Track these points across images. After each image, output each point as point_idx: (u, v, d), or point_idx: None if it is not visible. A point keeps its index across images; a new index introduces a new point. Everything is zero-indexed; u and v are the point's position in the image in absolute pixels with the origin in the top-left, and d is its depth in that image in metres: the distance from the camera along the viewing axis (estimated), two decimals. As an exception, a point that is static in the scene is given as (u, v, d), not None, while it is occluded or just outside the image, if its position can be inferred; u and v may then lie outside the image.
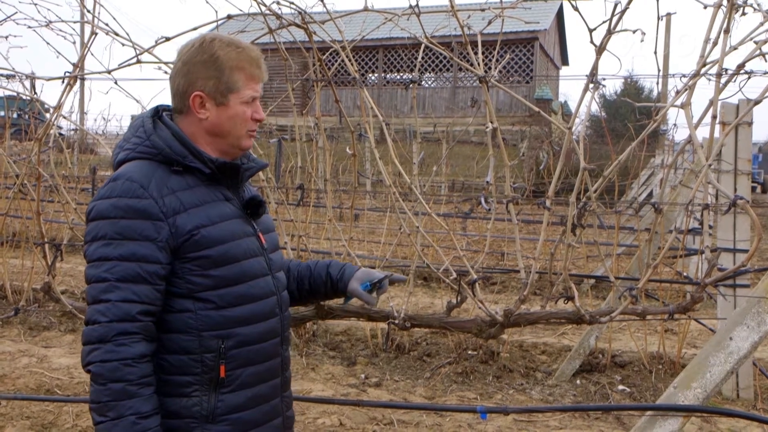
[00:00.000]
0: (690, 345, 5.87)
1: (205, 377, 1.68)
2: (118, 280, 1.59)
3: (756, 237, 2.04)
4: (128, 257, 1.60)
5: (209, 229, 1.68)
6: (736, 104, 4.67)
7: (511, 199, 2.58)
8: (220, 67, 1.72)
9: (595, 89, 2.34)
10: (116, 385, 1.56)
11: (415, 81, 3.16)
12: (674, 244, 5.63)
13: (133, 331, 1.58)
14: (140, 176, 1.65)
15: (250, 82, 1.75)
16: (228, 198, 1.78)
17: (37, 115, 8.18)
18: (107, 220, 1.62)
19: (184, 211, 1.66)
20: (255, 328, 1.75)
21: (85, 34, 3.17)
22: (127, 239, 1.60)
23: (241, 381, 1.73)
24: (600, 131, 22.57)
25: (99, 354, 1.57)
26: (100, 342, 1.57)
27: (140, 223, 1.61)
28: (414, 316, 2.77)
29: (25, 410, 4.27)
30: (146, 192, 1.63)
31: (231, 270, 1.70)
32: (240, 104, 1.75)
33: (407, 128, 18.14)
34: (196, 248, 1.66)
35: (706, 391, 2.66)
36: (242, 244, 1.75)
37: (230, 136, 1.77)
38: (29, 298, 6.38)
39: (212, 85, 1.72)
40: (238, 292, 1.72)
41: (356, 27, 3.31)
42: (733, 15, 2.21)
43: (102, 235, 1.62)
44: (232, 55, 1.73)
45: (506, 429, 4.22)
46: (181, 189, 1.69)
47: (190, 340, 1.67)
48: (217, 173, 1.75)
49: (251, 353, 1.75)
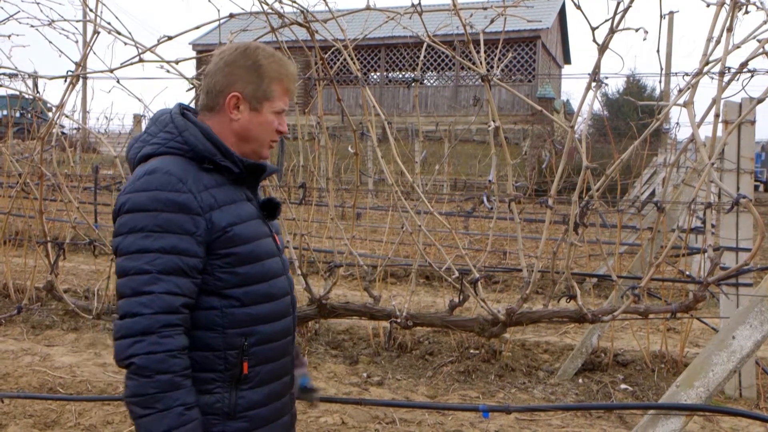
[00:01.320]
0: (692, 344, 5.86)
1: (227, 374, 1.70)
2: (160, 272, 1.59)
3: (759, 236, 2.04)
4: (169, 250, 1.60)
5: (240, 227, 1.71)
6: (739, 103, 4.66)
7: (514, 198, 2.58)
8: (261, 74, 1.77)
9: (597, 88, 2.34)
10: (163, 377, 1.56)
11: (418, 80, 3.16)
12: (677, 242, 5.62)
13: (177, 323, 1.60)
14: (178, 170, 1.66)
15: (284, 95, 1.81)
16: (249, 199, 1.82)
17: (39, 114, 8.20)
18: (146, 213, 1.62)
19: (218, 207, 1.68)
20: (274, 326, 1.79)
21: (87, 33, 3.17)
22: (167, 232, 1.61)
23: (260, 378, 1.76)
24: (602, 130, 22.54)
25: (143, 346, 1.55)
26: (144, 334, 1.56)
27: (180, 217, 1.62)
28: (416, 314, 2.77)
29: (27, 409, 4.28)
30: (185, 186, 1.64)
31: (255, 268, 1.74)
32: (271, 113, 1.79)
33: (409, 127, 18.16)
34: (227, 245, 1.68)
35: (709, 390, 2.66)
36: (264, 244, 1.79)
37: (255, 141, 1.80)
38: (32, 296, 6.40)
39: (251, 90, 1.76)
40: (261, 291, 1.75)
41: (358, 26, 3.31)
42: (735, 13, 2.21)
43: (141, 227, 1.61)
44: (274, 66, 1.78)
45: (508, 428, 4.22)
46: (213, 186, 1.71)
47: (215, 337, 1.68)
48: (244, 173, 1.78)
49: (270, 351, 1.78)
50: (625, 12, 2.25)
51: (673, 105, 2.34)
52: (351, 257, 3.43)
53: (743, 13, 2.25)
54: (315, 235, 7.84)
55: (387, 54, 27.29)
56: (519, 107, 24.67)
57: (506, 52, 2.91)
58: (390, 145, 2.97)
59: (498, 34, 2.81)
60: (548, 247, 4.19)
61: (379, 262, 6.10)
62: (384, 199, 12.87)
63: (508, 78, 26.06)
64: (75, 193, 9.55)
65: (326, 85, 3.20)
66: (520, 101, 23.96)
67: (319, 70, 3.06)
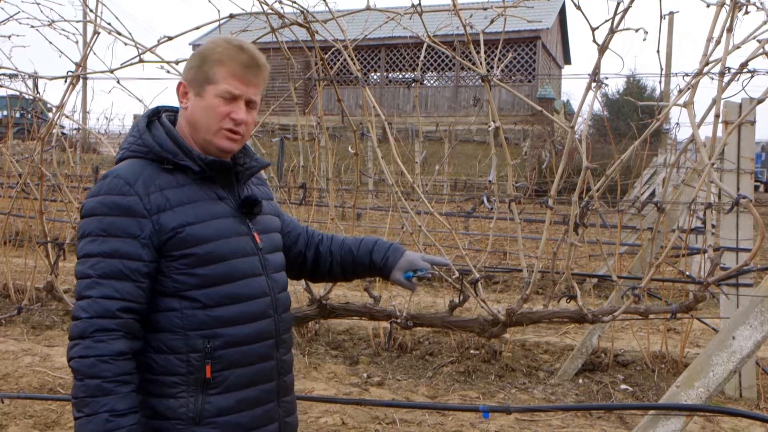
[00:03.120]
0: (693, 344, 5.86)
1: (191, 378, 1.66)
2: (99, 276, 1.59)
3: (759, 236, 2.04)
4: (111, 254, 1.60)
5: (195, 227, 1.67)
6: (739, 103, 4.66)
7: (514, 198, 2.58)
8: (203, 58, 1.73)
9: (597, 88, 2.34)
10: (92, 382, 1.56)
11: (418, 80, 3.16)
12: (677, 243, 5.62)
13: (112, 327, 1.58)
14: (127, 174, 1.66)
15: (230, 78, 1.71)
16: (221, 197, 1.77)
17: (39, 115, 8.19)
18: (94, 217, 1.63)
19: (169, 209, 1.65)
20: (243, 329, 1.72)
21: (87, 33, 3.17)
22: (110, 236, 1.61)
23: (229, 383, 1.70)
24: (602, 130, 22.53)
25: (78, 350, 1.57)
26: (80, 338, 1.58)
27: (123, 220, 1.62)
28: (416, 315, 2.77)
29: (28, 409, 4.28)
30: (132, 189, 1.63)
31: (217, 269, 1.69)
32: (215, 97, 1.71)
33: (409, 127, 18.15)
34: (180, 246, 1.65)
35: (709, 391, 2.66)
36: (231, 243, 1.73)
37: (203, 129, 1.74)
38: (32, 297, 6.40)
39: (192, 75, 1.74)
40: (225, 292, 1.70)
41: (358, 26, 3.31)
42: (736, 14, 2.21)
43: (88, 232, 1.63)
44: (217, 50, 1.72)
45: (508, 428, 4.22)
46: (170, 187, 1.68)
47: (176, 339, 1.66)
48: (207, 171, 1.74)
49: (239, 355, 1.71)
50: (625, 12, 2.25)
51: (673, 105, 2.34)
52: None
53: (743, 14, 2.25)
54: (315, 235, 7.83)
55: (387, 54, 27.29)
56: (519, 108, 24.67)
57: (506, 53, 2.91)
58: (390, 146, 2.97)
59: (498, 35, 2.81)
60: (548, 248, 4.19)
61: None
62: (384, 199, 12.87)
63: (508, 78, 26.07)
64: (75, 194, 9.54)
65: (326, 86, 3.20)
66: (520, 102, 23.97)
67: (319, 71, 3.06)
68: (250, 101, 1.75)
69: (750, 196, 3.95)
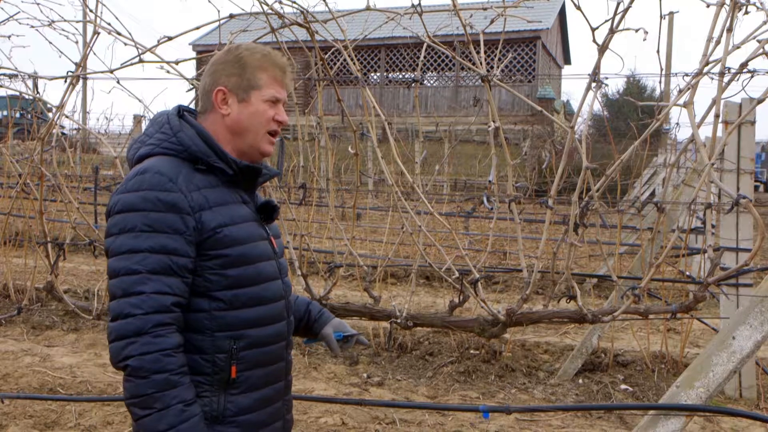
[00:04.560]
0: (693, 344, 5.86)
1: (215, 378, 1.68)
2: (150, 272, 1.58)
3: (759, 236, 2.04)
4: (159, 250, 1.60)
5: (231, 228, 1.69)
6: (739, 103, 4.66)
7: (514, 198, 2.58)
8: (243, 65, 1.76)
9: (597, 88, 2.34)
10: (159, 376, 1.55)
11: (418, 80, 3.16)
12: (677, 243, 5.62)
13: (169, 321, 1.59)
14: (169, 170, 1.66)
15: (273, 83, 1.78)
16: (245, 201, 1.80)
17: (39, 115, 8.19)
18: (136, 213, 1.61)
19: (209, 208, 1.67)
20: (265, 330, 1.76)
21: (87, 33, 3.17)
22: (157, 231, 1.60)
23: (250, 383, 1.74)
24: (602, 130, 22.53)
25: (137, 347, 1.55)
26: (137, 335, 1.56)
27: (170, 216, 1.62)
28: (416, 315, 2.77)
29: (28, 409, 4.28)
30: (175, 185, 1.64)
31: (246, 271, 1.72)
32: (262, 102, 1.76)
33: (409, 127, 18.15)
34: (217, 246, 1.67)
35: (709, 391, 2.66)
36: (258, 247, 1.77)
37: (250, 134, 1.78)
38: (32, 297, 6.40)
39: (234, 81, 1.76)
40: (251, 294, 1.73)
41: (358, 26, 3.31)
42: (735, 14, 2.21)
43: (131, 227, 1.61)
44: (256, 56, 1.77)
45: (508, 428, 4.22)
46: (206, 187, 1.70)
47: (203, 340, 1.67)
48: (238, 175, 1.76)
49: (260, 355, 1.75)
50: (625, 12, 2.25)
51: (673, 105, 2.34)
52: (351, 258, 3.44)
53: (743, 14, 2.25)
54: (315, 235, 7.84)
55: (387, 54, 27.30)
56: (519, 108, 24.67)
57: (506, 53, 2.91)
58: (390, 146, 2.97)
59: (498, 35, 2.81)
60: (548, 248, 4.19)
61: (379, 263, 6.10)
62: (384, 199, 12.86)
63: (508, 78, 26.07)
64: (75, 194, 9.54)
65: (326, 86, 3.20)
66: (520, 102, 23.97)
67: (319, 71, 3.07)
68: (284, 103, 1.83)
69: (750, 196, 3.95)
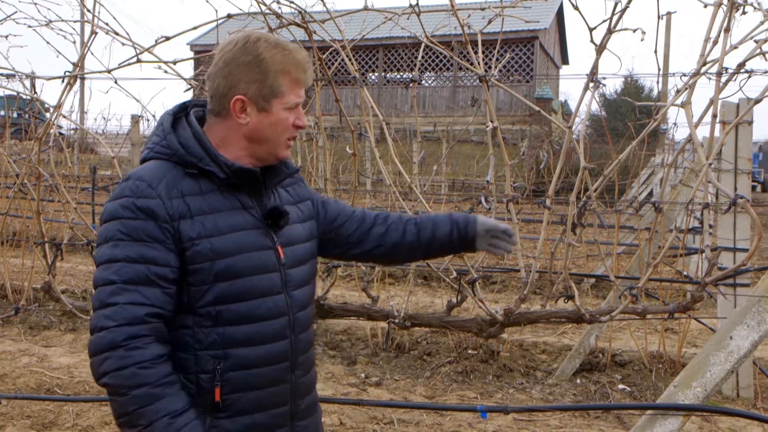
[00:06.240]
0: (690, 344, 5.87)
1: (200, 399, 1.57)
2: (125, 282, 1.49)
3: (756, 236, 2.04)
4: (136, 259, 1.51)
5: (214, 240, 1.57)
6: (737, 103, 4.66)
7: (512, 198, 2.58)
8: (264, 70, 1.61)
9: (595, 88, 2.34)
10: (139, 391, 1.46)
11: (416, 80, 3.16)
12: (674, 243, 5.63)
13: (144, 333, 1.49)
14: (151, 176, 1.57)
15: (294, 87, 1.65)
16: (246, 206, 1.66)
17: (37, 115, 8.19)
18: (115, 221, 1.54)
19: (189, 217, 1.56)
20: (255, 351, 1.61)
21: (85, 33, 3.17)
22: (135, 240, 1.52)
23: (238, 407, 1.60)
24: (600, 130, 22.55)
25: (112, 362, 1.46)
26: (112, 348, 1.47)
27: (149, 224, 1.53)
28: (414, 315, 2.77)
29: (25, 409, 4.27)
30: (154, 191, 1.54)
31: (233, 286, 1.58)
32: (283, 110, 1.64)
33: (407, 127, 18.14)
34: (196, 259, 1.55)
35: (707, 391, 2.66)
36: (252, 258, 1.62)
37: (269, 143, 1.66)
38: (29, 297, 6.38)
39: (255, 90, 1.61)
40: (238, 311, 1.59)
41: (356, 26, 3.31)
42: (733, 14, 2.22)
43: (110, 236, 1.53)
44: (278, 57, 1.62)
45: (506, 428, 4.22)
46: (192, 193, 1.59)
47: (186, 359, 1.57)
48: (233, 179, 1.62)
49: (251, 377, 1.61)
50: (623, 13, 2.26)
51: (671, 105, 2.34)
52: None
53: (740, 14, 2.26)
54: (313, 235, 7.82)
55: (385, 54, 27.29)
56: (517, 108, 24.68)
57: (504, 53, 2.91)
58: (388, 146, 2.97)
59: (496, 35, 2.81)
60: (546, 248, 4.19)
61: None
62: (382, 199, 12.86)
63: (506, 78, 26.08)
64: (72, 194, 9.53)
65: (324, 86, 3.20)
66: (518, 102, 23.98)
67: (317, 71, 3.06)
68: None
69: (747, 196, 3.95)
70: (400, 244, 1.98)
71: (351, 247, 1.97)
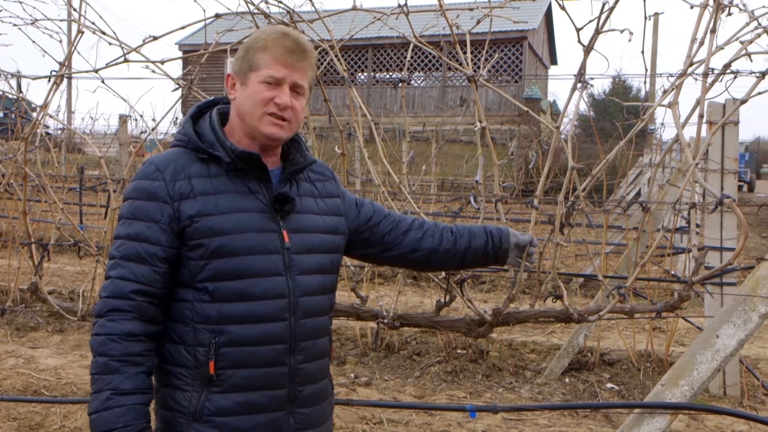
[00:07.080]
0: (678, 343, 5.90)
1: (196, 372, 1.65)
2: (121, 257, 1.64)
3: (742, 235, 2.05)
4: (134, 237, 1.65)
5: (213, 218, 1.65)
6: (723, 104, 4.70)
7: (500, 198, 2.59)
8: (247, 48, 1.73)
9: (583, 88, 2.35)
10: (101, 359, 1.59)
11: (405, 80, 3.17)
12: (662, 242, 5.66)
13: (125, 308, 1.61)
14: (161, 160, 1.70)
15: (273, 62, 1.69)
16: (253, 191, 1.73)
17: (23, 114, 8.11)
18: (126, 201, 1.69)
19: (191, 197, 1.66)
20: (251, 329, 1.66)
21: (71, 32, 3.15)
22: (137, 219, 1.66)
23: (232, 383, 1.66)
24: (588, 130, 22.66)
25: (95, 328, 1.62)
26: (98, 316, 1.63)
27: (150, 204, 1.65)
28: (403, 315, 2.77)
29: (12, 411, 4.24)
30: (160, 174, 1.67)
31: (229, 264, 1.65)
32: (257, 83, 1.69)
33: (396, 127, 18.14)
34: (195, 236, 1.65)
35: (694, 389, 2.68)
36: (250, 239, 1.67)
37: (249, 117, 1.72)
38: (16, 298, 6.33)
39: (238, 65, 1.74)
40: (234, 288, 1.65)
41: (345, 26, 3.31)
42: (719, 15, 2.23)
43: (122, 214, 1.69)
44: (260, 36, 1.73)
45: (495, 427, 4.23)
46: (199, 176, 1.69)
47: (186, 331, 1.67)
48: (239, 163, 1.71)
49: (245, 355, 1.66)
50: (610, 13, 2.26)
51: (658, 106, 2.35)
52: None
53: (726, 15, 2.27)
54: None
55: (374, 54, 27.28)
56: (506, 108, 24.74)
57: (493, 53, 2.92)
58: (377, 146, 2.96)
59: (485, 35, 2.82)
60: (535, 247, 4.20)
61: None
62: (371, 199, 12.86)
63: (494, 79, 26.14)
64: (60, 194, 9.44)
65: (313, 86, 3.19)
66: (506, 102, 24.04)
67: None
68: (296, 85, 1.72)
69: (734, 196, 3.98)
70: (437, 250, 2.06)
71: (387, 249, 2.04)
